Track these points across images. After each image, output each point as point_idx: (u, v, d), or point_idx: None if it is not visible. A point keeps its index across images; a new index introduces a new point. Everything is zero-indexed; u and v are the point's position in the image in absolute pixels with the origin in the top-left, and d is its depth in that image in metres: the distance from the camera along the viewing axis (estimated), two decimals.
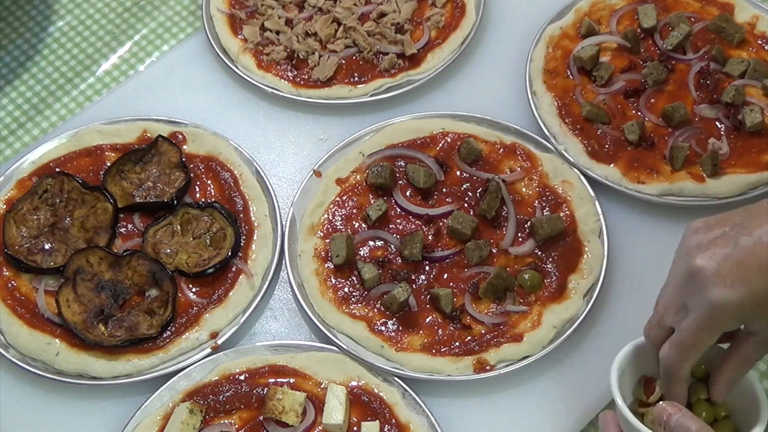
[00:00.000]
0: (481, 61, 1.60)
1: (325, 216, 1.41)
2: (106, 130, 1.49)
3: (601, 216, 1.38)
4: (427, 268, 1.36)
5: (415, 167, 1.42)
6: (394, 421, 1.23)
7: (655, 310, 1.06)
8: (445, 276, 1.35)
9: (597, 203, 1.39)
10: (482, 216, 1.38)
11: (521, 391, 1.28)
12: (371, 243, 1.39)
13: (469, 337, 1.29)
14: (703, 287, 0.95)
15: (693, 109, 1.47)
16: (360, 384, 1.26)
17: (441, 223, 1.39)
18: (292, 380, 1.27)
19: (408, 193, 1.43)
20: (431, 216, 1.40)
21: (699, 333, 0.98)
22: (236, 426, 1.24)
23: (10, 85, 1.61)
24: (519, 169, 1.43)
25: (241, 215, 1.41)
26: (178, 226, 1.39)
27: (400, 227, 1.40)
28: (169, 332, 1.31)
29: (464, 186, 1.42)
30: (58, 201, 1.40)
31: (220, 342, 1.31)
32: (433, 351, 1.28)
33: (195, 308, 1.34)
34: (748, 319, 0.98)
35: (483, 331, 1.30)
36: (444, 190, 1.42)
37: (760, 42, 1.53)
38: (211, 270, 1.35)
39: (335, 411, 1.21)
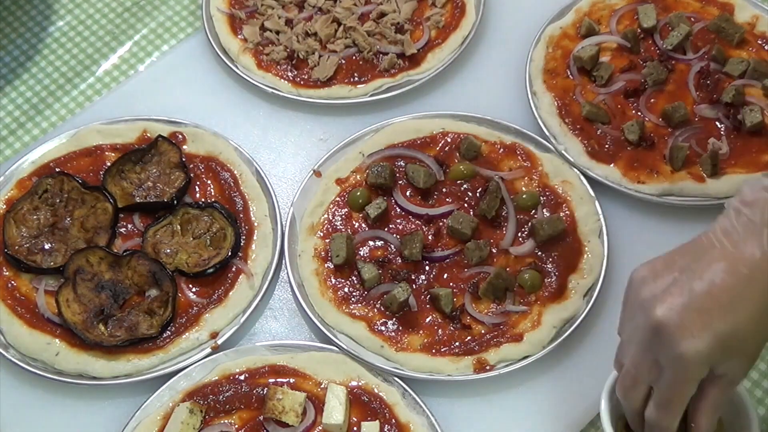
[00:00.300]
0: (481, 61, 1.60)
1: (325, 216, 1.41)
2: (106, 130, 1.49)
3: (601, 216, 1.38)
4: (427, 268, 1.36)
5: (415, 167, 1.42)
6: (394, 421, 1.23)
7: (624, 369, 1.04)
8: (445, 276, 1.35)
9: (597, 203, 1.39)
10: (482, 216, 1.38)
11: (521, 391, 1.28)
12: (371, 243, 1.39)
13: (469, 337, 1.29)
14: (671, 342, 0.95)
15: (693, 109, 1.47)
16: (360, 384, 1.26)
17: (441, 223, 1.39)
18: (292, 380, 1.27)
19: (408, 193, 1.43)
20: (431, 216, 1.39)
21: (680, 387, 0.98)
22: (236, 426, 1.24)
23: (10, 85, 1.61)
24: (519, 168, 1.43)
25: (241, 215, 1.41)
26: (178, 226, 1.39)
27: (400, 227, 1.40)
28: (169, 332, 1.31)
29: (464, 186, 1.42)
30: (58, 201, 1.40)
31: (220, 342, 1.31)
32: (433, 351, 1.28)
33: (195, 308, 1.34)
34: (717, 362, 0.97)
35: (483, 331, 1.30)
36: (444, 190, 1.42)
37: (760, 42, 1.53)
38: (211, 270, 1.35)
39: (335, 411, 1.21)
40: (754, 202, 0.98)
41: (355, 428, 1.23)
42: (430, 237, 1.38)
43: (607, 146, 1.44)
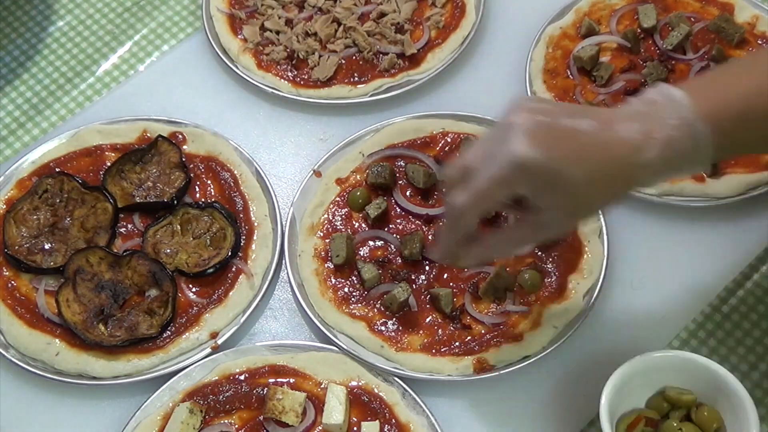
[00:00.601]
0: (481, 61, 1.60)
1: (325, 216, 1.41)
2: (106, 130, 1.49)
3: (601, 216, 1.38)
4: (427, 268, 1.36)
5: (415, 167, 1.42)
6: (394, 421, 1.23)
7: (462, 155, 1.08)
8: (445, 276, 1.35)
9: None
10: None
11: (521, 391, 1.28)
12: (371, 243, 1.39)
13: (469, 337, 1.29)
14: (513, 140, 0.99)
15: None
16: (360, 384, 1.26)
17: (441, 223, 1.39)
18: (292, 380, 1.27)
19: (408, 193, 1.42)
20: (431, 216, 1.39)
21: (494, 182, 1.01)
22: (236, 426, 1.24)
23: (10, 85, 1.61)
24: None
25: (241, 215, 1.41)
26: (178, 226, 1.40)
27: (400, 227, 1.40)
28: (169, 332, 1.31)
29: None
30: (58, 201, 1.40)
31: (220, 342, 1.31)
32: (433, 351, 1.28)
33: (195, 308, 1.34)
34: (539, 188, 1.01)
35: (483, 331, 1.30)
36: (444, 190, 1.42)
37: (760, 42, 1.53)
38: (211, 270, 1.35)
39: (335, 411, 1.21)
40: (651, 101, 1.03)
41: (355, 428, 1.23)
42: (430, 237, 1.38)
43: None
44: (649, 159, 1.00)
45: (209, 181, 1.44)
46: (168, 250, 1.37)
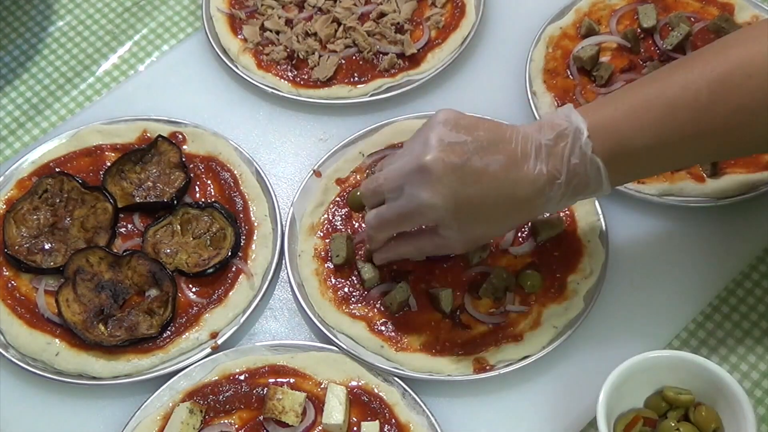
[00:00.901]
0: (481, 61, 1.60)
1: (325, 216, 1.41)
2: (106, 130, 1.49)
3: (601, 216, 1.38)
4: (427, 268, 1.36)
5: None
6: (394, 421, 1.23)
7: (377, 174, 1.18)
8: (445, 276, 1.35)
9: (597, 203, 1.39)
10: None
11: (521, 391, 1.28)
12: None
13: (469, 337, 1.29)
14: (422, 184, 1.08)
15: None
16: (360, 384, 1.26)
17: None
18: (292, 380, 1.27)
19: None
20: None
21: (401, 217, 1.14)
22: (236, 426, 1.24)
23: (10, 85, 1.61)
24: None
25: (241, 215, 1.41)
26: (178, 226, 1.40)
27: None
28: (169, 332, 1.31)
29: None
30: (58, 201, 1.40)
31: (220, 342, 1.31)
32: (433, 351, 1.28)
33: (195, 308, 1.34)
34: (443, 223, 1.12)
35: (483, 331, 1.30)
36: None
37: None
38: (211, 270, 1.35)
39: (335, 411, 1.21)
40: (557, 126, 1.08)
41: (355, 428, 1.23)
42: None
43: None
44: (550, 197, 1.10)
45: (209, 181, 1.44)
46: (168, 250, 1.37)
